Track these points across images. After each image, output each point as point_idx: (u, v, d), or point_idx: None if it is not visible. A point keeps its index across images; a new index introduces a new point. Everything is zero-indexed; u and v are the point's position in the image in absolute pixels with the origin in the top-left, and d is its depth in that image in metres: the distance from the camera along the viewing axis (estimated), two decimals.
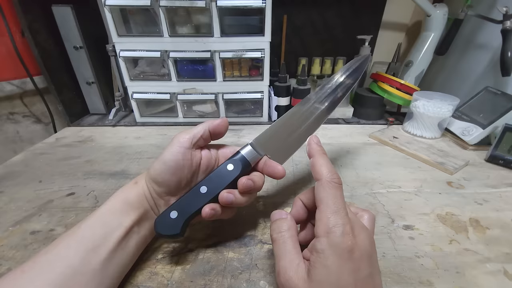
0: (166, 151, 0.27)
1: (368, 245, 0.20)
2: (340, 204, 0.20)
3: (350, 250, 0.19)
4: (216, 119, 0.29)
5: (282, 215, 0.25)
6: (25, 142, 0.67)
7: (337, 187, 0.21)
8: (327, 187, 0.21)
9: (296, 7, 0.75)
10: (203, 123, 0.29)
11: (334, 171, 0.23)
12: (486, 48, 0.61)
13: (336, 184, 0.22)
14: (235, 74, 0.62)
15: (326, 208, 0.20)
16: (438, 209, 0.37)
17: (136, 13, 0.56)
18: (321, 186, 0.22)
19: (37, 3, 0.56)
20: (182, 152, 0.27)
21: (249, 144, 0.30)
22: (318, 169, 0.23)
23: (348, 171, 0.46)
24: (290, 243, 0.22)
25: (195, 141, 0.28)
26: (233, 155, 0.29)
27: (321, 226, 0.20)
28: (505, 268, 0.28)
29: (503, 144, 0.48)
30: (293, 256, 0.21)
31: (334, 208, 0.20)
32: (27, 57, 0.59)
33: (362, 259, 0.19)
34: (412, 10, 0.80)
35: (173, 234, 0.26)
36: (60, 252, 0.22)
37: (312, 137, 0.27)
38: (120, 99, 0.66)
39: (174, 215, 0.26)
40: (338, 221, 0.19)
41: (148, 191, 0.27)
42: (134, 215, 0.26)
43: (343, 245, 0.19)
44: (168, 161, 0.26)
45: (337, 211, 0.20)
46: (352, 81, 0.35)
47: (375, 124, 0.67)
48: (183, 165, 0.27)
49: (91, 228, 0.24)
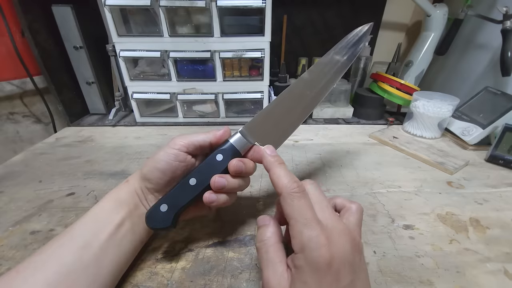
0: (160, 151, 0.27)
1: (349, 251, 0.19)
2: (308, 215, 0.19)
3: (327, 263, 0.18)
4: (219, 131, 0.28)
5: (265, 221, 0.23)
6: (25, 142, 0.67)
7: (300, 196, 0.20)
8: (289, 200, 0.20)
9: (296, 7, 0.75)
10: (206, 134, 0.28)
11: (293, 180, 0.21)
12: (486, 48, 0.61)
13: (298, 193, 0.20)
14: (235, 74, 0.62)
15: (295, 223, 0.19)
16: (438, 208, 0.37)
17: (136, 13, 0.56)
18: (284, 200, 0.21)
19: (37, 3, 0.56)
20: (175, 154, 0.27)
21: (238, 131, 0.29)
22: (276, 182, 0.22)
23: (348, 171, 0.46)
24: (272, 251, 0.21)
25: (191, 149, 0.27)
26: (221, 144, 0.28)
27: (295, 243, 0.19)
28: (506, 268, 0.28)
29: (503, 144, 0.48)
30: (277, 266, 0.20)
31: (303, 221, 0.19)
32: (27, 57, 0.59)
33: (341, 268, 0.18)
34: (412, 10, 0.80)
35: (164, 227, 0.26)
36: (54, 252, 0.22)
37: (265, 148, 0.25)
38: (120, 99, 0.66)
39: (164, 208, 0.26)
40: (311, 234, 0.18)
41: (139, 187, 0.28)
42: (123, 212, 0.26)
43: (319, 259, 0.18)
44: (160, 160, 0.26)
45: (306, 223, 0.19)
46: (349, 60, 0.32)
47: (375, 124, 0.67)
48: (175, 167, 0.27)
49: (84, 227, 0.24)
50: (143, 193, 0.28)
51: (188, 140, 0.27)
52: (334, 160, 0.49)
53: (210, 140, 0.28)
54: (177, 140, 0.27)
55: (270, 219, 0.24)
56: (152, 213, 0.26)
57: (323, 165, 0.48)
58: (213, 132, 0.28)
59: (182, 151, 0.27)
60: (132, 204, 0.27)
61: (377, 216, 0.36)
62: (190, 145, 0.27)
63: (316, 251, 0.18)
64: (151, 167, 0.27)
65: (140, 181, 0.28)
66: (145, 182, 0.27)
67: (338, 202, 0.25)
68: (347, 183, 0.43)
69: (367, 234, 0.33)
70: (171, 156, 0.26)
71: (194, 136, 0.28)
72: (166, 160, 0.26)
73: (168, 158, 0.26)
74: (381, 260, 0.29)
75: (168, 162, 0.26)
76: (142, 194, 0.28)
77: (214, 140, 0.28)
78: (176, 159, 0.27)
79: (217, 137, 0.28)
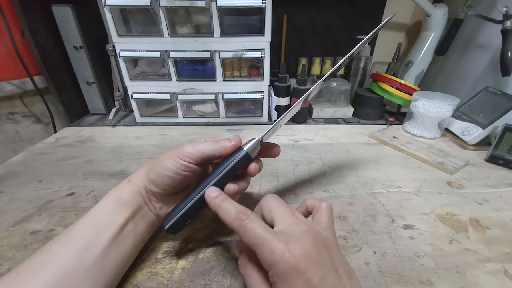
0: (168, 158, 0.26)
1: (311, 249, 0.19)
2: (261, 234, 0.20)
3: (293, 267, 0.18)
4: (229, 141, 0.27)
5: (243, 247, 0.24)
6: (25, 142, 0.67)
7: (248, 222, 0.21)
8: (242, 230, 0.21)
9: (296, 7, 0.75)
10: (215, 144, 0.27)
11: (239, 211, 0.22)
12: (486, 48, 0.61)
13: (246, 221, 0.21)
14: (235, 74, 0.62)
15: (256, 247, 0.20)
16: (438, 209, 0.37)
17: (136, 13, 0.56)
18: (238, 233, 0.21)
19: (37, 3, 0.56)
20: (185, 165, 0.26)
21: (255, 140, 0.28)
22: (226, 220, 0.22)
23: (348, 171, 0.46)
24: (254, 274, 0.22)
25: (200, 161, 0.27)
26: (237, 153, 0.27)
27: (264, 264, 0.20)
28: (505, 268, 0.28)
29: (503, 144, 0.48)
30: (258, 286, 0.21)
31: (260, 241, 0.20)
32: (27, 57, 0.59)
33: (307, 268, 0.18)
34: (412, 10, 0.80)
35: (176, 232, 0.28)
36: (54, 253, 0.22)
37: (208, 192, 0.25)
38: (120, 99, 0.66)
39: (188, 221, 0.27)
40: (270, 247, 0.19)
41: (144, 188, 0.27)
42: (127, 212, 0.26)
43: (285, 266, 0.18)
44: (169, 169, 0.26)
45: (263, 241, 0.19)
46: None
47: (375, 124, 0.67)
48: (184, 176, 0.27)
49: (84, 228, 0.24)
50: (148, 194, 0.28)
51: (197, 152, 0.26)
52: (334, 160, 0.50)
53: (220, 153, 0.27)
54: (186, 151, 0.26)
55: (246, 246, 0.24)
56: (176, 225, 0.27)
57: (323, 165, 0.48)
58: (223, 144, 0.27)
59: (191, 163, 0.26)
60: (136, 204, 0.27)
61: (377, 216, 0.36)
62: (199, 158, 0.26)
63: (279, 262, 0.18)
64: (160, 173, 0.26)
65: (145, 182, 0.27)
66: (151, 185, 0.27)
67: (308, 204, 0.26)
68: (347, 183, 0.43)
69: (367, 234, 0.33)
70: (181, 167, 0.26)
71: (204, 147, 0.27)
72: (176, 170, 0.26)
73: (177, 168, 0.26)
74: (381, 260, 0.29)
75: (177, 172, 0.26)
76: (146, 195, 0.28)
77: (224, 152, 0.27)
78: (185, 170, 0.26)
79: (227, 150, 0.27)
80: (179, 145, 0.27)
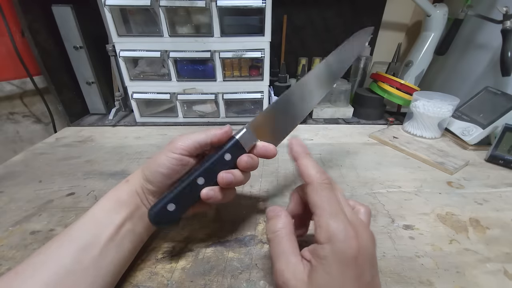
0: (162, 155, 0.27)
1: (371, 247, 0.19)
2: (336, 206, 0.20)
3: (354, 255, 0.17)
4: (220, 129, 0.28)
5: (277, 212, 0.23)
6: (25, 142, 0.67)
7: (329, 188, 0.21)
8: (319, 189, 0.20)
9: (296, 7, 0.75)
10: (206, 132, 0.28)
11: (323, 171, 0.22)
12: (486, 48, 0.61)
13: (327, 185, 0.21)
14: (235, 74, 0.62)
15: (322, 213, 0.19)
16: (438, 209, 0.37)
17: (136, 13, 0.56)
18: (313, 189, 0.21)
19: (37, 3, 0.56)
20: (178, 159, 0.26)
21: (244, 128, 0.29)
22: (305, 171, 0.22)
23: (348, 171, 0.46)
24: (285, 242, 0.21)
25: (193, 151, 0.27)
26: (227, 142, 0.28)
27: (321, 232, 0.19)
28: (505, 268, 0.28)
29: (503, 144, 0.48)
30: (290, 257, 0.20)
31: (331, 211, 0.19)
32: (27, 57, 0.59)
33: (365, 263, 0.18)
34: (412, 10, 0.80)
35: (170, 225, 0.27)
36: (52, 253, 0.22)
37: (292, 139, 0.26)
38: (120, 99, 0.66)
39: (172, 208, 0.26)
40: (340, 225, 0.18)
41: (140, 187, 0.28)
42: (124, 212, 0.26)
43: (348, 251, 0.18)
44: (162, 165, 0.26)
45: (335, 214, 0.19)
46: (356, 53, 0.33)
47: (375, 124, 0.67)
48: (178, 170, 0.27)
49: (83, 227, 0.24)
50: (144, 193, 0.28)
51: (189, 143, 0.27)
52: (334, 160, 0.49)
53: (211, 139, 0.28)
54: (177, 144, 0.27)
55: (281, 210, 0.24)
56: (158, 213, 0.26)
57: (323, 165, 0.48)
58: (213, 131, 0.28)
59: (184, 155, 0.27)
60: (133, 204, 0.27)
61: (377, 216, 0.36)
62: (192, 148, 0.27)
63: (345, 242, 0.18)
64: (154, 171, 0.26)
65: (141, 181, 0.28)
66: (147, 184, 0.27)
67: (350, 203, 0.25)
68: (347, 183, 0.43)
69: None
70: (174, 161, 0.26)
71: (195, 137, 0.27)
72: (169, 165, 0.26)
73: (170, 163, 0.26)
74: (381, 260, 0.29)
75: (170, 167, 0.26)
76: (143, 194, 0.28)
77: (215, 140, 0.28)
78: (179, 163, 0.26)
79: (218, 137, 0.28)
80: (171, 141, 0.28)
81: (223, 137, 0.28)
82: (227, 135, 0.28)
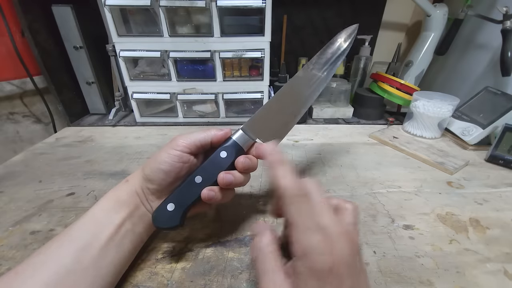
0: (162, 152, 0.27)
1: (349, 254, 0.18)
2: (308, 221, 0.19)
3: (329, 268, 0.17)
4: (221, 130, 0.29)
5: (261, 228, 0.23)
6: (25, 142, 0.67)
7: (302, 201, 0.19)
8: (290, 204, 0.20)
9: (296, 7, 0.75)
10: (207, 131, 0.28)
11: (296, 183, 0.20)
12: (486, 48, 0.61)
13: (300, 198, 0.20)
14: (235, 74, 0.62)
15: (296, 229, 0.19)
16: (438, 209, 0.37)
17: (136, 13, 0.56)
18: (285, 204, 0.20)
19: (37, 3, 0.56)
20: (179, 156, 0.26)
21: (240, 128, 0.29)
22: (277, 183, 0.21)
23: (348, 171, 0.46)
24: (269, 261, 0.20)
25: (194, 149, 0.27)
26: (225, 141, 0.29)
27: (296, 247, 0.18)
28: (505, 268, 0.28)
29: (503, 144, 0.48)
30: (275, 275, 0.19)
31: (304, 225, 0.18)
32: (27, 57, 0.59)
33: (343, 273, 0.17)
34: (412, 10, 0.80)
35: (172, 226, 0.26)
36: (52, 253, 0.22)
37: (266, 146, 0.25)
38: (120, 99, 0.66)
39: (171, 208, 0.26)
40: (311, 240, 0.18)
41: (140, 187, 0.28)
42: (124, 212, 0.26)
43: (320, 265, 0.17)
44: (163, 162, 0.26)
45: (307, 229, 0.18)
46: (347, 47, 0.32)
47: (375, 124, 0.67)
48: (179, 168, 0.27)
49: (83, 227, 0.24)
50: (144, 193, 0.28)
51: (190, 140, 0.27)
52: (334, 160, 0.49)
53: (211, 138, 0.28)
54: (179, 141, 0.27)
55: (266, 227, 0.23)
56: (159, 213, 0.26)
57: (323, 165, 0.48)
58: (214, 131, 0.28)
59: (185, 152, 0.27)
60: (132, 204, 0.27)
61: (377, 216, 0.36)
62: (192, 146, 0.27)
63: (317, 257, 0.17)
64: (154, 168, 0.26)
65: (141, 181, 0.28)
66: (147, 183, 0.27)
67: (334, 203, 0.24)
68: (347, 183, 0.43)
69: (367, 234, 0.33)
70: (175, 157, 0.26)
71: (196, 135, 0.28)
72: (170, 162, 0.26)
73: (171, 160, 0.26)
74: (381, 260, 0.29)
75: (171, 164, 0.26)
76: (143, 194, 0.28)
77: (215, 139, 0.28)
78: (180, 160, 0.26)
79: (218, 137, 0.28)
80: (171, 139, 0.28)
81: (222, 139, 0.28)
82: (227, 136, 0.29)
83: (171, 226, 0.26)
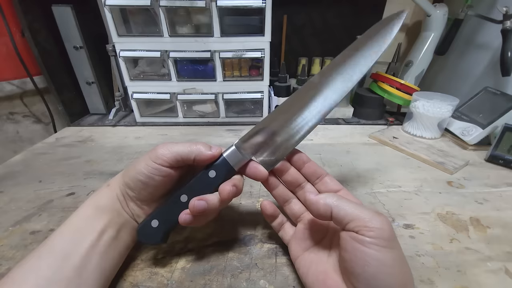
0: (142, 162, 0.25)
1: None
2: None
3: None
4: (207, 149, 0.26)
5: None
6: (25, 142, 0.67)
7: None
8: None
9: (296, 7, 0.75)
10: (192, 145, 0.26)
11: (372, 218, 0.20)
12: (486, 48, 0.61)
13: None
14: (235, 74, 0.62)
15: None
16: (438, 208, 0.37)
17: (136, 13, 0.56)
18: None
19: (37, 3, 0.56)
20: (157, 169, 0.25)
21: (233, 145, 0.27)
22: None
23: (348, 171, 0.46)
24: None
25: (174, 163, 0.25)
26: (215, 160, 0.26)
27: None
28: (506, 267, 0.28)
29: (503, 144, 0.48)
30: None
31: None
32: (27, 57, 0.59)
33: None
34: (412, 10, 0.80)
35: (154, 243, 0.27)
36: (32, 265, 0.21)
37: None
38: (120, 99, 0.66)
39: (155, 224, 0.26)
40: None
41: (120, 192, 0.27)
42: (105, 219, 0.25)
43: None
44: (141, 173, 0.25)
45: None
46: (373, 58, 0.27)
47: (375, 124, 0.67)
48: (157, 181, 0.25)
49: (62, 236, 0.23)
50: (125, 199, 0.27)
51: (171, 154, 0.25)
52: (334, 160, 0.49)
53: (194, 155, 0.26)
54: (159, 153, 0.25)
55: None
56: (143, 228, 0.26)
57: (323, 165, 0.48)
58: (199, 147, 0.26)
59: (164, 166, 0.25)
60: (114, 210, 0.26)
61: None
62: (173, 160, 0.25)
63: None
64: (133, 177, 0.25)
65: (122, 186, 0.27)
66: (127, 189, 0.26)
67: None
68: (347, 183, 0.43)
69: None
70: (153, 170, 0.25)
71: (178, 148, 0.26)
72: (147, 174, 0.25)
73: (149, 172, 0.25)
74: None
75: (149, 176, 0.25)
76: (123, 199, 0.27)
77: (199, 159, 0.26)
78: (158, 174, 0.25)
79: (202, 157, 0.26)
80: (154, 147, 0.26)
81: (207, 161, 0.26)
82: (213, 159, 0.26)
83: (153, 243, 0.27)
